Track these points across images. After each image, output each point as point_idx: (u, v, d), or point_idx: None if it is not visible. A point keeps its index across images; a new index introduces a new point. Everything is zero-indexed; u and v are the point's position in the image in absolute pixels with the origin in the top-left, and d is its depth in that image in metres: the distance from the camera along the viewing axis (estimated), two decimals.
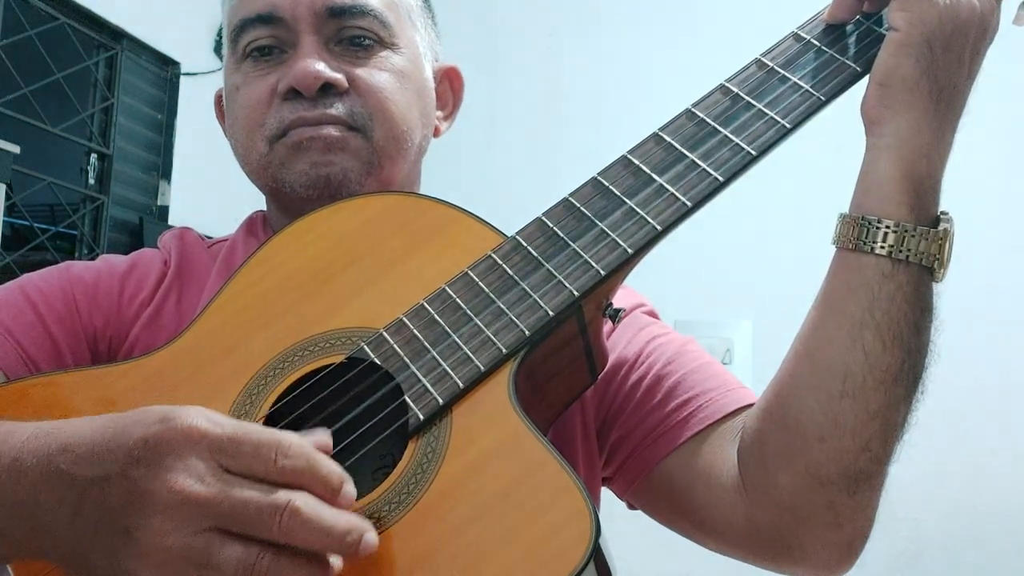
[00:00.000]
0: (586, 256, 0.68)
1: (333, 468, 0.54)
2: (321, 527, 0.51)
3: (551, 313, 0.67)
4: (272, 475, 0.53)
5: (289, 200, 0.86)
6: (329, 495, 0.53)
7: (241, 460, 0.53)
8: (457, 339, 0.67)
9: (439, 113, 0.95)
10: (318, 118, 0.83)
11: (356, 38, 0.86)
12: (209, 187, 2.12)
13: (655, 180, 0.70)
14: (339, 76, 0.84)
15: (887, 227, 0.67)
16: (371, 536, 0.52)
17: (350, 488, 0.54)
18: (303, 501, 0.52)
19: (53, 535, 0.56)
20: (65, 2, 2.72)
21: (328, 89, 0.83)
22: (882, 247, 0.67)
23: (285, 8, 0.84)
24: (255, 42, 0.86)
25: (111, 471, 0.53)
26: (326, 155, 0.83)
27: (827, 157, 2.43)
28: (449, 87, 0.98)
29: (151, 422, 0.54)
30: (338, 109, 0.83)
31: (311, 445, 0.54)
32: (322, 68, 0.83)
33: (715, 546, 0.78)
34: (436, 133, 0.94)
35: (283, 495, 0.52)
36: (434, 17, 0.96)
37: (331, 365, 0.69)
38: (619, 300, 0.76)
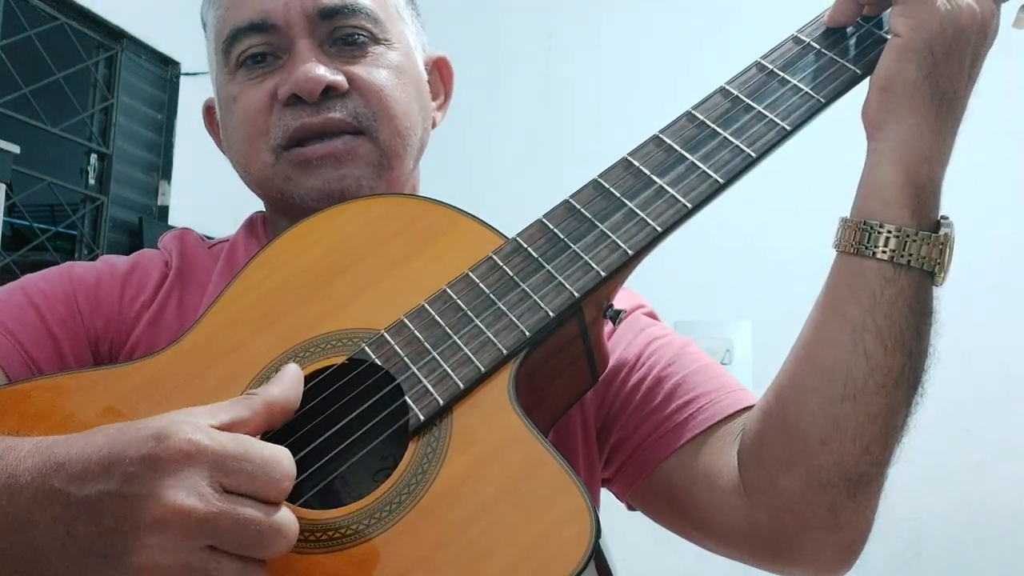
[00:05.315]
0: (586, 257, 0.69)
1: None
2: None
3: (551, 314, 0.67)
4: (272, 496, 0.54)
5: (296, 210, 0.84)
6: None
7: (241, 479, 0.53)
8: (458, 340, 0.67)
9: (432, 104, 0.95)
10: (322, 124, 0.83)
11: (349, 36, 0.85)
12: (209, 187, 2.12)
13: (655, 182, 0.70)
14: (340, 78, 0.83)
15: (889, 232, 0.67)
16: None
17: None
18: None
19: (46, 555, 0.54)
20: (65, 2, 2.72)
21: (329, 92, 0.83)
22: (884, 252, 0.67)
23: (277, 14, 0.84)
24: (249, 51, 0.85)
25: (106, 489, 0.53)
26: (338, 170, 0.83)
27: (827, 159, 2.44)
28: (439, 77, 0.98)
29: (146, 438, 0.53)
30: (341, 112, 0.83)
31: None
32: (323, 72, 0.82)
33: (715, 547, 0.78)
34: (433, 124, 0.95)
35: (285, 517, 0.53)
36: (417, 8, 0.96)
37: (332, 366, 0.69)
38: (619, 301, 0.76)
